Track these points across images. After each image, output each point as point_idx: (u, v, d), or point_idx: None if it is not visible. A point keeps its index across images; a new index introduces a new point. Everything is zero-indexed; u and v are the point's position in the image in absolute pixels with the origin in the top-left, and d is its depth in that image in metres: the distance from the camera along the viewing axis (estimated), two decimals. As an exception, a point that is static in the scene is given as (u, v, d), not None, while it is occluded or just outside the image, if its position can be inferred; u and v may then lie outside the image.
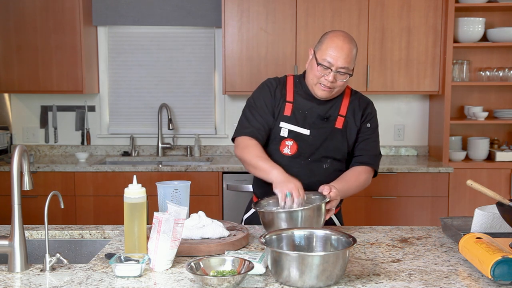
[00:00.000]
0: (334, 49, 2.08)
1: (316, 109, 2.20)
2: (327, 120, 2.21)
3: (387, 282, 1.52)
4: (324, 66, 2.09)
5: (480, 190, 1.76)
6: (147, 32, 4.40)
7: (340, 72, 2.09)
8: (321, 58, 2.10)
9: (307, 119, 2.20)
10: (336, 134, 2.22)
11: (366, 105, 2.32)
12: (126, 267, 1.55)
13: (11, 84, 4.09)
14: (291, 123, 2.19)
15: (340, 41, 2.09)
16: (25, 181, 1.66)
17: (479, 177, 3.93)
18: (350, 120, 2.25)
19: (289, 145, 2.18)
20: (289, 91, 2.24)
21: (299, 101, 2.22)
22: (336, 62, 2.07)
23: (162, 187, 1.99)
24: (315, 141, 2.19)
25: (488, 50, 4.24)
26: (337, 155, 2.23)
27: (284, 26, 4.00)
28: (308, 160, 2.20)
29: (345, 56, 2.07)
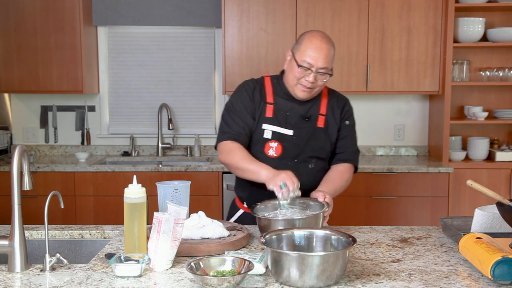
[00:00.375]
0: (313, 50, 2.09)
1: (297, 109, 2.21)
2: (308, 120, 2.22)
3: (387, 282, 1.52)
4: (304, 67, 2.10)
5: (480, 190, 1.76)
6: (147, 32, 4.40)
7: (320, 72, 2.11)
8: (300, 59, 2.11)
9: (289, 119, 2.20)
10: (319, 133, 2.23)
11: (344, 103, 2.36)
12: (126, 267, 1.55)
13: (11, 84, 4.09)
14: (274, 124, 2.19)
15: (319, 41, 2.10)
16: (25, 181, 1.66)
17: (479, 177, 3.93)
18: (331, 119, 2.27)
19: (273, 146, 2.18)
20: (268, 93, 2.24)
21: (279, 102, 2.22)
22: (316, 62, 2.09)
23: (162, 187, 1.99)
24: (299, 141, 2.20)
25: (488, 50, 4.24)
26: (321, 154, 2.26)
27: (284, 26, 4.00)
28: (295, 161, 2.20)
29: (324, 57, 2.09)
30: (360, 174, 3.83)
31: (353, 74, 4.02)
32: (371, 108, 4.40)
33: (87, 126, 4.42)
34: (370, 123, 4.41)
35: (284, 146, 2.18)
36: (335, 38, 3.97)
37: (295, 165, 2.19)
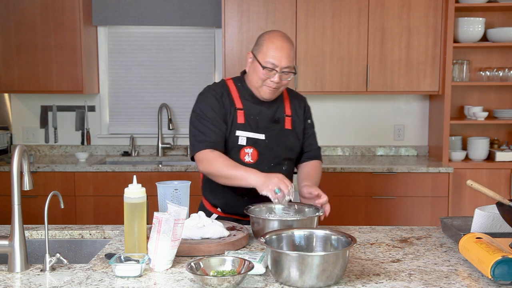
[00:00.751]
0: (275, 50, 2.09)
1: (266, 112, 2.22)
2: (277, 122, 2.23)
3: (387, 282, 1.52)
4: (269, 68, 2.10)
5: (480, 190, 1.76)
6: (147, 32, 4.40)
7: (285, 71, 2.12)
8: (264, 60, 2.11)
9: (260, 123, 2.20)
10: (288, 135, 2.25)
11: (304, 102, 2.37)
12: (126, 267, 1.55)
13: (11, 84, 4.09)
14: (247, 130, 2.18)
15: (280, 41, 2.12)
16: (25, 181, 1.66)
17: (479, 177, 3.93)
18: (296, 119, 2.29)
19: (249, 152, 2.17)
20: (235, 98, 2.21)
21: (248, 106, 2.21)
22: (280, 62, 2.09)
23: (162, 187, 1.99)
24: (271, 144, 2.20)
25: (488, 50, 4.24)
26: (292, 155, 2.28)
27: (284, 26, 4.00)
28: (271, 165, 2.20)
29: (287, 56, 2.10)
30: (360, 174, 3.83)
31: (353, 74, 4.02)
32: (371, 108, 4.40)
33: (87, 126, 4.42)
34: (370, 123, 4.41)
35: (259, 151, 2.18)
36: (335, 38, 4.00)
37: (271, 169, 2.18)
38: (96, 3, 4.27)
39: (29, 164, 1.68)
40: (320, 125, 4.39)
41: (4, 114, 4.41)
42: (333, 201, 3.80)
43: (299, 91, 4.03)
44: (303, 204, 2.08)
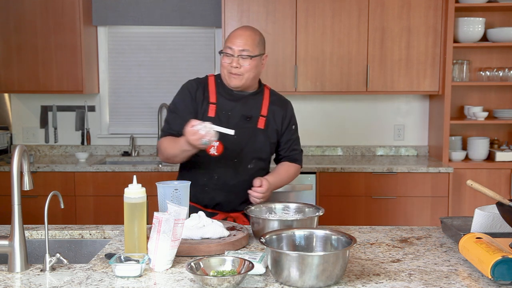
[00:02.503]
0: (233, 36, 2.23)
1: (239, 109, 2.27)
2: (249, 120, 2.28)
3: (387, 282, 1.52)
4: (227, 53, 2.22)
5: (480, 190, 1.76)
6: (147, 32, 4.40)
7: (242, 56, 2.20)
8: (224, 46, 2.26)
9: (231, 119, 2.25)
10: (259, 134, 2.29)
11: (286, 107, 2.41)
12: (126, 267, 1.55)
13: (11, 84, 4.09)
14: (216, 124, 2.18)
15: (240, 30, 2.26)
16: (25, 181, 1.66)
17: (479, 177, 3.93)
18: (271, 121, 2.33)
19: (215, 145, 2.20)
20: (211, 92, 2.30)
21: (222, 101, 2.28)
22: (236, 46, 2.20)
23: (162, 187, 1.99)
24: (239, 141, 2.24)
25: (488, 50, 4.24)
26: (261, 155, 2.32)
27: (284, 26, 4.00)
28: (234, 160, 2.25)
29: (245, 40, 2.20)
30: (360, 174, 3.83)
31: (353, 74, 4.02)
32: (371, 108, 4.40)
33: (87, 126, 4.42)
34: (370, 123, 4.41)
35: (225, 146, 2.21)
36: (335, 38, 4.00)
37: (234, 164, 2.25)
38: (96, 3, 4.27)
39: (29, 164, 1.68)
40: (320, 125, 4.42)
41: (4, 114, 4.41)
42: (333, 201, 3.83)
43: (299, 91, 4.07)
44: (303, 204, 2.08)
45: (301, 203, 2.10)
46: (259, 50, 2.25)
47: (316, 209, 2.01)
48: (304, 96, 4.34)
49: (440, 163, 3.98)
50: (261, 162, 2.34)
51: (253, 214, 1.96)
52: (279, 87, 4.04)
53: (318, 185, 3.82)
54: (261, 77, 4.07)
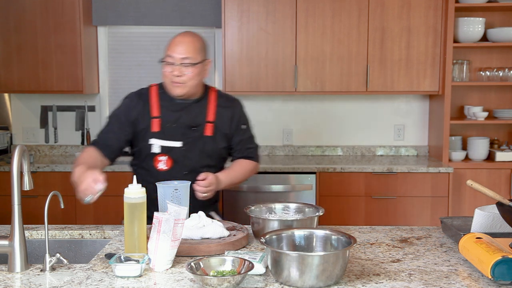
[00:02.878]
0: (174, 44, 2.19)
1: (184, 119, 2.22)
2: (196, 129, 2.23)
3: (387, 282, 1.52)
4: (168, 62, 2.18)
5: (480, 190, 1.76)
6: (147, 32, 4.40)
7: (184, 64, 2.16)
8: (165, 55, 2.21)
9: (177, 131, 2.21)
10: (207, 142, 2.25)
11: (234, 107, 2.35)
12: (126, 267, 1.55)
13: (11, 84, 4.09)
14: (161, 138, 2.19)
15: (180, 37, 2.21)
16: (25, 181, 1.66)
17: (479, 177, 3.93)
18: (219, 125, 2.28)
19: (163, 160, 2.19)
20: (154, 105, 2.24)
21: (165, 114, 2.23)
22: (177, 54, 2.16)
23: (162, 187, 1.99)
24: (188, 151, 2.21)
25: (488, 50, 4.24)
26: (211, 162, 2.28)
27: (284, 26, 4.00)
28: (185, 173, 2.21)
29: (185, 47, 2.16)
30: (360, 174, 3.83)
31: (353, 74, 4.02)
32: (371, 108, 4.40)
33: (87, 126, 4.42)
34: (370, 123, 4.41)
35: (174, 159, 2.20)
36: (335, 38, 4.00)
37: (186, 176, 2.18)
38: (96, 3, 4.27)
39: (29, 164, 1.68)
40: (320, 125, 4.42)
41: (4, 114, 4.41)
42: (333, 201, 3.83)
43: (299, 91, 4.06)
44: (303, 204, 2.07)
45: (301, 203, 2.10)
46: (201, 57, 2.20)
47: (316, 209, 2.01)
48: (304, 96, 4.34)
49: (440, 163, 3.98)
50: (213, 169, 2.26)
51: (253, 214, 1.96)
52: (279, 87, 4.05)
53: (318, 185, 3.82)
54: (261, 77, 4.10)
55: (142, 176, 2.22)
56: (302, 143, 4.45)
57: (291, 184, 3.83)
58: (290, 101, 4.40)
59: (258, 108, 4.41)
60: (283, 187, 3.82)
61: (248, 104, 4.37)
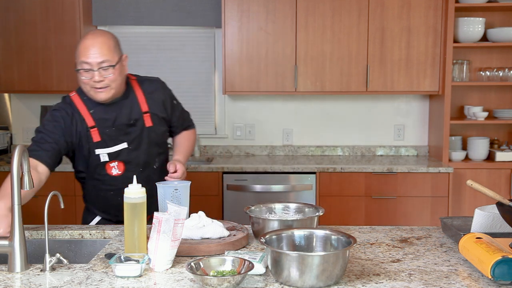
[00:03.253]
0: (85, 49, 2.03)
1: (119, 119, 2.17)
2: (135, 124, 2.19)
3: (387, 282, 1.52)
4: (85, 69, 2.04)
5: (480, 190, 1.76)
6: (147, 32, 4.40)
7: (103, 67, 2.04)
8: (78, 61, 2.05)
9: (117, 133, 2.16)
10: (151, 132, 2.23)
11: (159, 87, 2.32)
12: (126, 267, 1.55)
13: (11, 84, 4.09)
14: (105, 147, 2.15)
15: (89, 39, 2.05)
16: (25, 181, 1.66)
17: (479, 177, 3.93)
18: (156, 112, 2.25)
19: (114, 165, 2.16)
20: (85, 116, 2.14)
21: (100, 121, 2.14)
22: (93, 59, 2.02)
23: (162, 187, 1.99)
24: (136, 149, 2.19)
25: (488, 50, 4.24)
26: (161, 148, 2.29)
27: (284, 26, 4.00)
28: (140, 169, 2.20)
29: (99, 49, 2.03)
30: (360, 174, 3.83)
31: (353, 74, 4.02)
32: (371, 108, 4.40)
33: (87, 126, 4.41)
34: (370, 123, 4.41)
35: (125, 161, 2.17)
36: (335, 38, 4.00)
37: (142, 172, 2.18)
38: (96, 3, 4.27)
39: (29, 164, 1.68)
40: (320, 125, 4.42)
41: (4, 114, 4.41)
42: (333, 201, 3.83)
43: (299, 91, 4.07)
44: (303, 204, 2.07)
45: (301, 203, 2.10)
46: (118, 55, 2.09)
47: (316, 209, 2.01)
48: (304, 96, 4.34)
49: (440, 163, 3.98)
50: (163, 155, 2.31)
51: (253, 214, 1.96)
52: (279, 87, 4.05)
53: (318, 185, 3.82)
54: (261, 77, 4.10)
55: (95, 186, 2.22)
56: (302, 143, 4.45)
57: (291, 184, 3.83)
58: (290, 101, 4.41)
59: (258, 108, 4.41)
60: (283, 187, 3.82)
61: (248, 104, 4.41)
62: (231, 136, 4.44)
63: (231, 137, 4.45)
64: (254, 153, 4.43)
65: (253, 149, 4.42)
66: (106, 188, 2.22)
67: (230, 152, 4.44)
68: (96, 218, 2.33)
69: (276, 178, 3.83)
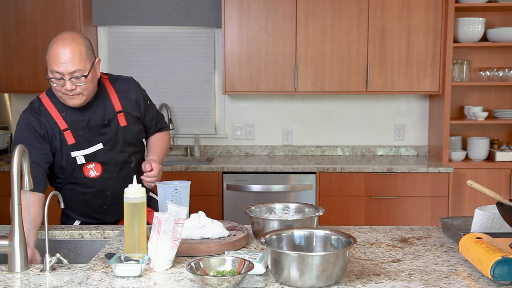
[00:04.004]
0: (56, 57, 1.94)
1: (93, 120, 2.12)
2: (109, 124, 2.16)
3: (387, 282, 1.52)
4: (56, 77, 1.97)
5: (480, 190, 1.76)
6: (147, 32, 4.40)
7: (75, 76, 1.96)
8: (49, 69, 1.97)
9: (92, 134, 2.12)
10: (125, 132, 2.20)
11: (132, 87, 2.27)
12: (126, 267, 1.55)
13: (11, 84, 4.09)
14: (81, 149, 2.11)
15: (60, 46, 1.94)
16: (25, 181, 1.66)
17: (479, 177, 3.93)
18: (129, 111, 2.22)
19: (92, 167, 2.14)
20: (57, 118, 2.08)
21: (72, 123, 2.09)
22: (63, 69, 1.94)
23: (162, 187, 1.99)
24: (112, 149, 2.17)
25: (488, 50, 4.24)
26: (137, 147, 2.29)
27: (284, 26, 4.00)
28: (118, 169, 2.20)
29: (71, 58, 1.94)
30: (360, 174, 3.83)
31: (353, 74, 4.02)
32: (371, 108, 4.40)
33: (87, 126, 4.41)
34: (370, 123, 4.41)
35: (102, 161, 2.15)
36: (335, 38, 4.00)
37: (119, 172, 2.18)
38: (96, 3, 4.27)
39: (29, 164, 1.68)
40: (320, 125, 4.42)
41: (4, 114, 4.41)
42: (333, 201, 3.83)
43: (299, 91, 4.07)
44: (303, 204, 2.08)
45: (301, 203, 2.10)
46: (90, 62, 2.00)
47: (316, 209, 2.01)
48: (304, 96, 4.34)
49: (440, 163, 3.98)
50: (139, 153, 2.31)
51: (253, 214, 1.96)
52: (279, 87, 4.05)
53: (318, 185, 3.82)
54: (261, 77, 4.10)
55: (73, 190, 2.18)
56: (302, 143, 4.45)
57: (291, 184, 3.83)
58: (290, 101, 4.41)
59: (258, 108, 4.41)
60: (283, 187, 3.82)
61: (248, 104, 4.41)
62: (231, 136, 4.44)
63: (231, 137, 4.45)
64: (254, 153, 4.43)
65: (253, 149, 4.42)
66: (85, 191, 2.18)
67: (230, 152, 4.44)
68: (75, 222, 2.29)
69: (276, 178, 3.83)
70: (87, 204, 2.22)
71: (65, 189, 2.19)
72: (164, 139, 2.44)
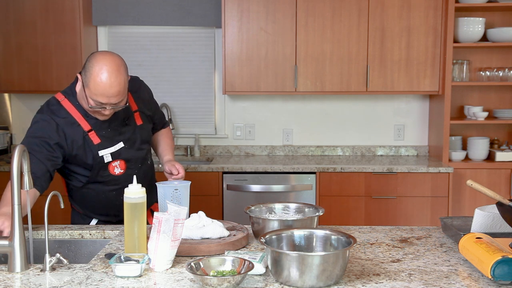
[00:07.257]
0: (103, 90, 1.96)
1: (114, 120, 2.17)
2: (128, 123, 2.23)
3: (387, 282, 1.52)
4: (97, 106, 2.02)
5: (480, 190, 1.76)
6: (147, 32, 4.40)
7: (118, 106, 2.04)
8: (91, 98, 2.00)
9: (113, 134, 2.18)
10: (142, 130, 2.28)
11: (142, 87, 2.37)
12: (126, 267, 1.55)
13: (11, 84, 4.09)
14: (106, 147, 2.16)
15: (107, 79, 1.94)
16: (25, 181, 1.66)
17: (479, 177, 3.93)
18: (143, 110, 2.30)
19: (117, 165, 2.19)
20: (80, 120, 2.11)
21: (95, 123, 2.13)
22: (108, 100, 1.99)
23: (162, 187, 1.99)
24: (131, 147, 2.23)
25: (488, 50, 4.24)
26: (149, 146, 2.37)
27: (284, 26, 4.00)
28: (139, 166, 2.26)
29: (116, 93, 1.98)
30: (360, 174, 3.83)
31: (353, 74, 4.02)
32: (371, 108, 4.40)
33: (87, 126, 4.41)
34: (370, 123, 4.41)
35: (126, 159, 2.20)
36: (335, 38, 4.00)
37: (140, 169, 2.25)
38: (96, 3, 4.27)
39: (29, 164, 1.68)
40: (320, 125, 4.42)
41: (4, 114, 4.41)
42: (333, 201, 3.83)
43: (299, 91, 4.07)
44: (303, 204, 2.08)
45: (301, 203, 2.10)
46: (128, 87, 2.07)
47: (316, 209, 2.01)
48: (304, 96, 4.34)
49: (440, 163, 3.98)
50: (150, 150, 2.41)
51: (253, 214, 1.96)
52: (279, 87, 4.05)
53: (318, 185, 3.82)
54: (261, 77, 4.09)
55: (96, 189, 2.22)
56: (302, 143, 4.45)
57: (291, 184, 3.83)
58: (290, 101, 4.41)
59: (258, 108, 4.41)
60: (283, 187, 3.82)
61: (248, 104, 4.41)
62: (231, 136, 4.44)
63: (231, 137, 4.45)
64: (254, 153, 4.43)
65: (253, 149, 4.42)
66: (109, 189, 2.22)
67: (230, 152, 4.44)
68: (92, 222, 2.32)
69: (276, 178, 3.83)
70: (110, 203, 2.24)
71: (87, 188, 2.23)
72: (170, 135, 2.54)
